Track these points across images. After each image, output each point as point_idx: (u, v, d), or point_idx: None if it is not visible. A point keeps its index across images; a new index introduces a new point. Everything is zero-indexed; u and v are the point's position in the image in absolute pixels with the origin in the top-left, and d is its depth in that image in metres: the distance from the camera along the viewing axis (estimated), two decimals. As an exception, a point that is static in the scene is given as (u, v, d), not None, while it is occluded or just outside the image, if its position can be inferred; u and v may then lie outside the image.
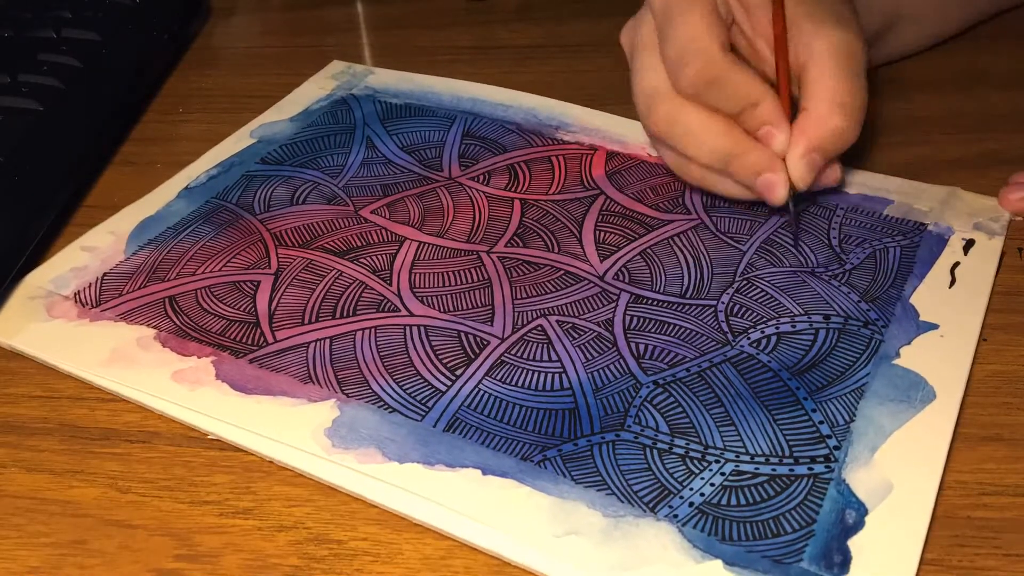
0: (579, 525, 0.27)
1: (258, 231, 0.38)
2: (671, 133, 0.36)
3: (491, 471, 0.29)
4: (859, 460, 0.28)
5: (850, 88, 0.34)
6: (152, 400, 0.31)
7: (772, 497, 0.28)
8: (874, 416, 0.30)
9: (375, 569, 0.27)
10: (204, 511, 0.29)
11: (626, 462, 0.29)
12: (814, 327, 0.33)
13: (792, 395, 0.31)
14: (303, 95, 0.48)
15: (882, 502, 0.27)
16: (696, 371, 0.32)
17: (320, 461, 0.29)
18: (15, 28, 0.47)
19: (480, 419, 0.30)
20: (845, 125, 0.34)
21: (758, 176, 0.34)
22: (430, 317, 0.34)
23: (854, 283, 0.35)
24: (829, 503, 0.27)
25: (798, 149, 0.34)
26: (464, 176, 0.41)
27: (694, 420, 0.30)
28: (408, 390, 0.31)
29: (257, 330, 0.34)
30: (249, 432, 0.30)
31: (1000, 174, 0.40)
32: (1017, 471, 0.29)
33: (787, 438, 0.29)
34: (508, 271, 0.36)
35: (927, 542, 0.26)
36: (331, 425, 0.30)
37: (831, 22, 0.35)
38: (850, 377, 0.31)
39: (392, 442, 0.29)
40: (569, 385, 0.31)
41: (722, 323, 0.33)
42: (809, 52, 0.34)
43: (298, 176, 0.42)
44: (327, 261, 0.37)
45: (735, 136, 0.34)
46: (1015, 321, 0.34)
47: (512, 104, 0.46)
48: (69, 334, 0.34)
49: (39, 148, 0.40)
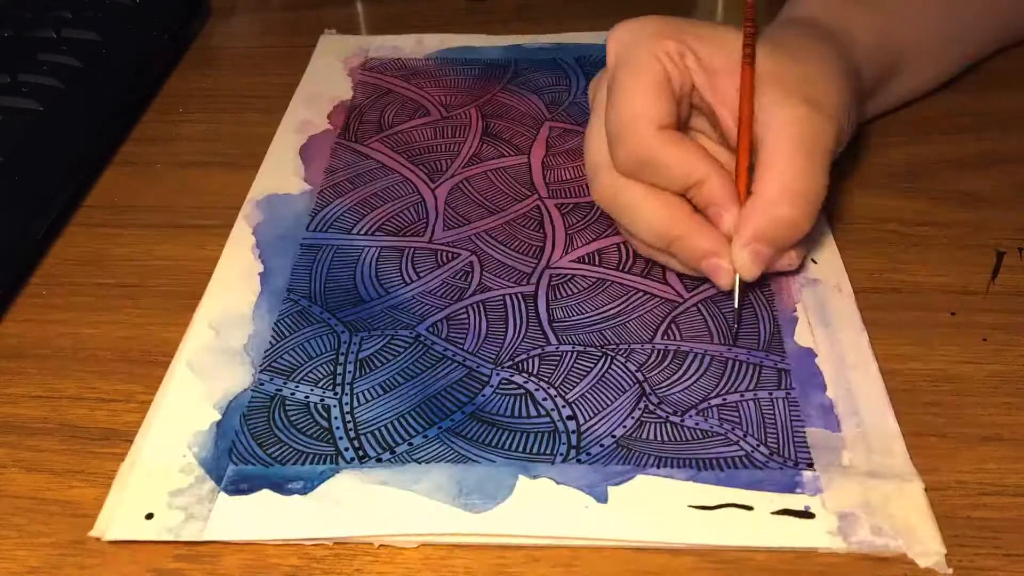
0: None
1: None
2: (614, 207, 0.34)
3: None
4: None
5: (805, 173, 0.31)
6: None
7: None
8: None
9: (375, 569, 0.27)
10: (204, 511, 0.29)
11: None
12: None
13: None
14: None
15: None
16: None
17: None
18: (15, 28, 0.47)
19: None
20: (794, 215, 0.31)
21: (702, 260, 0.32)
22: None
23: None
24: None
25: (741, 238, 0.31)
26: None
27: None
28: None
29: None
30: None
31: (1000, 174, 0.40)
32: (1017, 471, 0.29)
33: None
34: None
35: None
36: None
37: (799, 96, 0.32)
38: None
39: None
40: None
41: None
42: (768, 127, 0.31)
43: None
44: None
45: (676, 217, 0.32)
46: (1015, 321, 0.34)
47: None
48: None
49: (39, 148, 0.40)
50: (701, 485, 0.28)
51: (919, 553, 0.26)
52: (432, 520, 0.27)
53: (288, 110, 0.46)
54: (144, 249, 0.39)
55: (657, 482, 0.28)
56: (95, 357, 0.34)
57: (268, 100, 0.47)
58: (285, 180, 0.41)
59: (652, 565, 0.27)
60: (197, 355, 0.33)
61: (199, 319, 0.34)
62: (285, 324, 0.34)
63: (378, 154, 0.43)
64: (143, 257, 0.39)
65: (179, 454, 0.29)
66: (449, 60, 0.50)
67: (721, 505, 0.28)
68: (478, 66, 0.49)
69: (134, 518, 0.28)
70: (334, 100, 0.47)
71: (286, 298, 0.35)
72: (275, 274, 0.36)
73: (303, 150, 0.43)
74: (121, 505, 0.28)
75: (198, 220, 0.40)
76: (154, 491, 0.28)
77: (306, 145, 0.43)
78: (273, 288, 0.36)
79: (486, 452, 0.29)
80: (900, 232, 0.38)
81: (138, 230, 0.40)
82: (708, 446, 0.30)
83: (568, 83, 0.48)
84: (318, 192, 0.41)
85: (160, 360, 0.33)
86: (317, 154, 0.43)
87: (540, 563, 0.27)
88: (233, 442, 0.30)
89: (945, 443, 0.29)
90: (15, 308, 0.36)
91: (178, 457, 0.29)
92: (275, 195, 0.40)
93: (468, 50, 0.51)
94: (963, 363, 0.32)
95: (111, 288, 0.37)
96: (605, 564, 0.27)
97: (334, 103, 0.47)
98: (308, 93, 0.47)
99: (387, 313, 0.35)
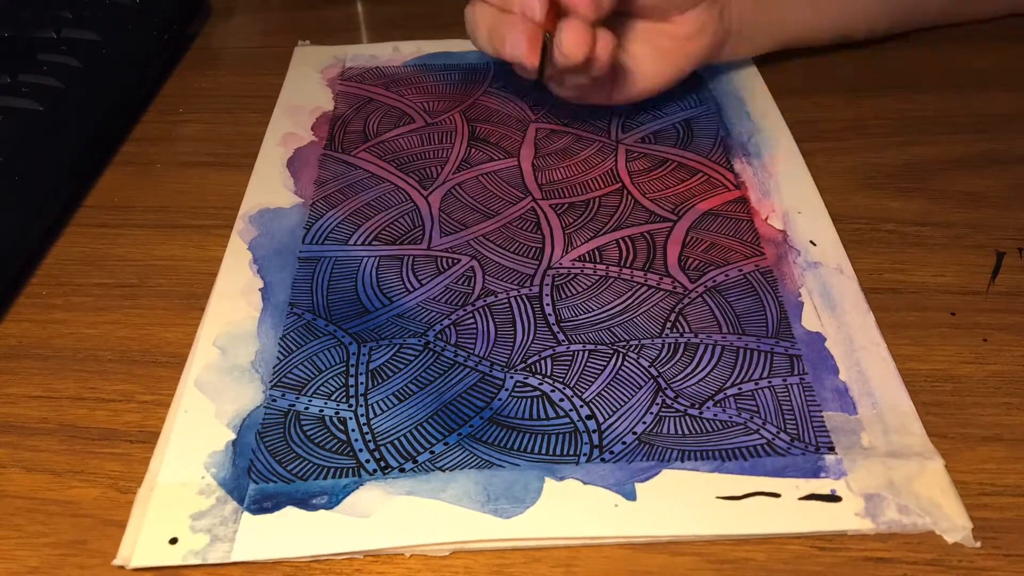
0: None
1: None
2: (468, 26, 0.40)
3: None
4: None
5: None
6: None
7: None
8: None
9: (375, 569, 0.27)
10: (204, 511, 0.29)
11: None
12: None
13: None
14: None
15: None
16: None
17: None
18: (15, 28, 0.47)
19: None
20: None
21: (513, 28, 0.36)
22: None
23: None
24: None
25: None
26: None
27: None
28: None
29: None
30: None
31: (1000, 174, 0.40)
32: (1017, 471, 0.29)
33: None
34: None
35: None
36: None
37: None
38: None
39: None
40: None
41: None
42: None
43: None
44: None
45: (501, 15, 0.37)
46: (1015, 321, 0.34)
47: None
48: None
49: (39, 148, 0.40)
50: (727, 476, 0.28)
51: (946, 529, 0.27)
52: (463, 527, 0.27)
53: (270, 123, 0.46)
54: (144, 249, 0.39)
55: (683, 476, 0.29)
56: (95, 357, 0.34)
57: (268, 100, 0.47)
58: (276, 194, 0.41)
59: (652, 565, 0.27)
60: (205, 375, 0.32)
61: (204, 338, 0.34)
62: (291, 339, 0.34)
63: (366, 164, 0.43)
64: (143, 257, 0.39)
65: (197, 476, 0.29)
66: (428, 66, 0.50)
67: (749, 494, 0.28)
68: (457, 71, 0.49)
69: (158, 544, 0.27)
70: (316, 111, 0.46)
71: (289, 312, 0.35)
72: (276, 289, 0.36)
73: (290, 163, 0.43)
74: (143, 531, 0.28)
75: (198, 220, 0.40)
76: (175, 515, 0.28)
77: (292, 158, 0.43)
78: (275, 303, 0.35)
79: (509, 456, 0.29)
80: (900, 232, 0.38)
81: (138, 230, 0.40)
82: (730, 436, 0.30)
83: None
84: (310, 204, 0.40)
85: (160, 360, 0.34)
86: (304, 166, 0.43)
87: (540, 563, 0.27)
88: (251, 460, 0.30)
89: (945, 443, 0.29)
90: (15, 308, 0.36)
91: (196, 479, 0.29)
92: (267, 209, 0.40)
93: (446, 55, 0.51)
94: (963, 363, 0.32)
95: (111, 288, 0.37)
96: (605, 564, 0.27)
97: (316, 114, 0.46)
98: (288, 105, 0.47)
99: (393, 322, 0.35)
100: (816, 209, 0.38)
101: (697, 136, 0.43)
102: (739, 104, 0.45)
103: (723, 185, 0.40)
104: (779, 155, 0.42)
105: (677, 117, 0.45)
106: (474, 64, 0.50)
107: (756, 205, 0.39)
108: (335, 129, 0.45)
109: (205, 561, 0.27)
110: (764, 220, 0.38)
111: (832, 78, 0.48)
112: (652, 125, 0.44)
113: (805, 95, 0.47)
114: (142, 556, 0.27)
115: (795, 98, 0.46)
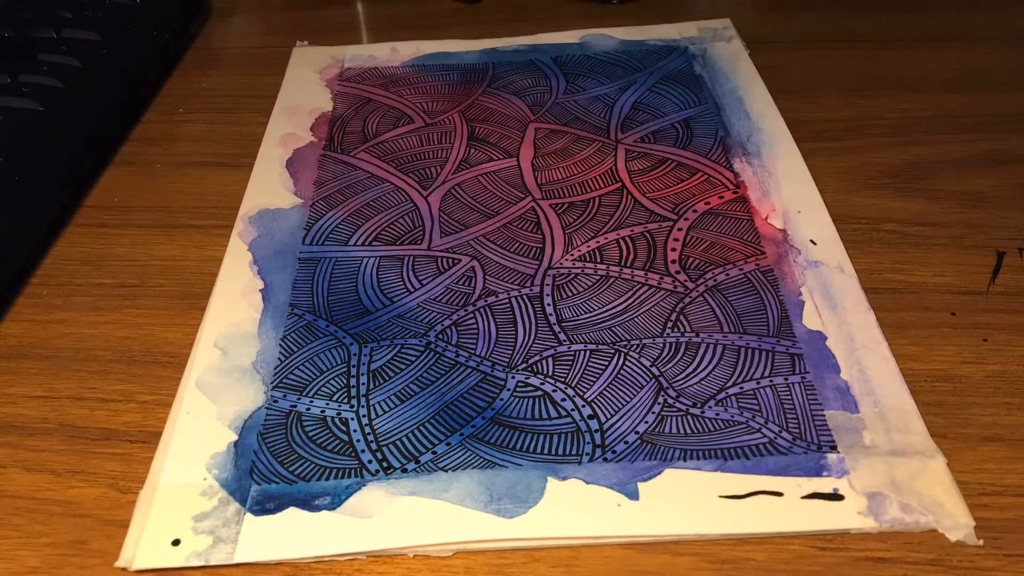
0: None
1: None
2: None
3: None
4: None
5: None
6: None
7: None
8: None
9: (375, 569, 0.27)
10: (204, 511, 0.29)
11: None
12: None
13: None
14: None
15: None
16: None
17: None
18: (15, 28, 0.47)
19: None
20: None
21: None
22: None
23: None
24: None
25: None
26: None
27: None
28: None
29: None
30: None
31: (1000, 174, 0.40)
32: (1017, 471, 0.29)
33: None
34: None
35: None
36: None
37: None
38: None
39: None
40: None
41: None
42: None
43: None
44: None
45: None
46: (1015, 321, 0.34)
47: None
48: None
49: (39, 148, 0.40)
50: (729, 475, 0.28)
51: (948, 527, 0.27)
52: (466, 528, 0.27)
53: (269, 124, 0.46)
54: (144, 249, 0.39)
55: (685, 475, 0.29)
56: (95, 357, 0.34)
57: (268, 100, 0.47)
58: (275, 195, 0.41)
59: (652, 565, 0.27)
60: (206, 376, 0.32)
61: (205, 339, 0.34)
62: (292, 339, 0.34)
63: (366, 164, 0.43)
64: (143, 257, 0.39)
65: (199, 477, 0.29)
66: (426, 67, 0.50)
67: (751, 493, 0.28)
68: (456, 71, 0.49)
69: (160, 545, 0.27)
70: (314, 112, 0.47)
71: (290, 313, 0.35)
72: (276, 290, 0.36)
73: (289, 163, 0.43)
74: (145, 533, 0.28)
75: (198, 220, 0.40)
76: (177, 517, 0.28)
77: (291, 159, 0.43)
78: (276, 304, 0.35)
79: (512, 456, 0.29)
80: (900, 232, 0.38)
81: (138, 230, 0.40)
82: (731, 435, 0.30)
83: (548, 84, 0.48)
84: (310, 205, 0.40)
85: (160, 360, 0.34)
86: (304, 167, 0.43)
87: (540, 563, 0.27)
88: (253, 461, 0.30)
89: (945, 443, 0.29)
90: (15, 308, 0.36)
91: (198, 480, 0.29)
92: (267, 210, 0.40)
93: (444, 56, 0.51)
94: (963, 363, 0.32)
95: (111, 288, 0.37)
96: (605, 564, 0.27)
97: (315, 115, 0.46)
98: (287, 106, 0.47)
99: (394, 323, 0.35)
100: (816, 208, 0.38)
101: (697, 136, 0.43)
102: (739, 104, 0.45)
103: (723, 185, 0.40)
104: (779, 155, 0.42)
105: (677, 117, 0.45)
106: (473, 64, 0.50)
107: (756, 204, 0.39)
108: (334, 129, 0.45)
109: (208, 562, 0.27)
110: (764, 219, 0.38)
111: (832, 78, 0.48)
112: (652, 125, 0.44)
113: (805, 95, 0.47)
114: (145, 558, 0.27)
115: (795, 98, 0.46)
